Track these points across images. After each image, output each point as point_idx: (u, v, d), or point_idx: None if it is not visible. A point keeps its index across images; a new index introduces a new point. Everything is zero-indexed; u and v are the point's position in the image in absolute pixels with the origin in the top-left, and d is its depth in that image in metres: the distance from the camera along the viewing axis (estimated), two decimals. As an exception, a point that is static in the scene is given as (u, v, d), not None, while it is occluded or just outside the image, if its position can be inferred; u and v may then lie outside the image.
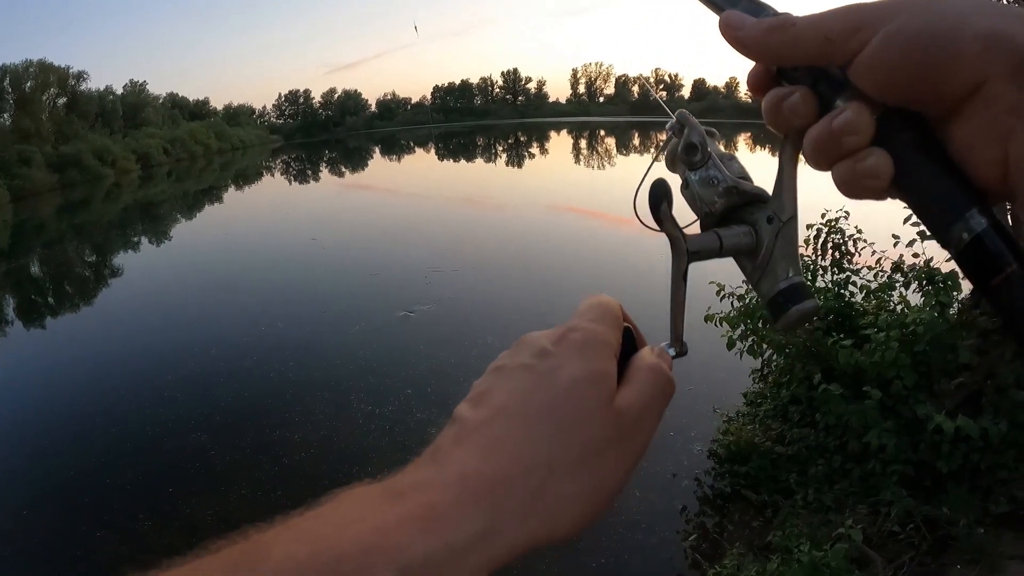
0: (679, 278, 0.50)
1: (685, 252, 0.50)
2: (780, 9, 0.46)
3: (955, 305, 5.05)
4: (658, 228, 0.49)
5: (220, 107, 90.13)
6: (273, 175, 38.87)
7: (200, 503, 5.51)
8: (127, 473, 5.93)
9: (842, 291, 5.90)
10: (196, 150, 56.63)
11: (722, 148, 0.53)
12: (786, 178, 0.48)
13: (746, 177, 0.51)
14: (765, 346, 6.03)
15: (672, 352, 0.52)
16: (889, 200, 0.44)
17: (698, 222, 0.53)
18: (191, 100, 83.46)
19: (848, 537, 4.05)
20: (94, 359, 9.08)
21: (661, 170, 0.54)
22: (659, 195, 0.48)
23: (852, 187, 0.42)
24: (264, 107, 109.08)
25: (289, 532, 0.37)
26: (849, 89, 0.41)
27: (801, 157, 0.47)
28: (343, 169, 42.35)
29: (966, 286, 5.17)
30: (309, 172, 41.08)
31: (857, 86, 0.40)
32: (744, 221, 0.50)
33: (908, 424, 4.84)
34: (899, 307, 5.57)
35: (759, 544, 4.83)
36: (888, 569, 4.17)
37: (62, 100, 48.83)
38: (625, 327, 0.50)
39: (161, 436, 6.63)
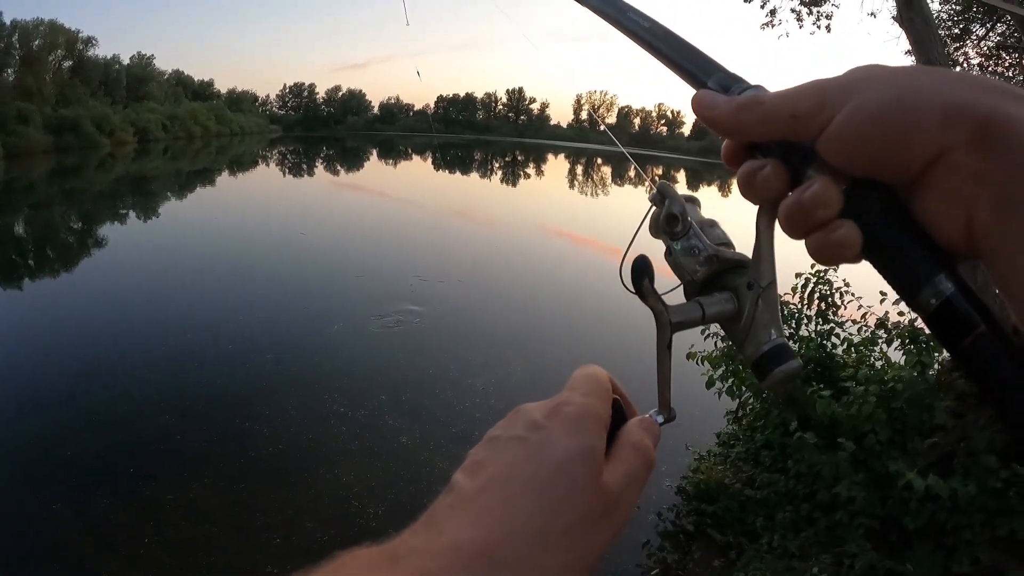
0: (664, 348, 0.52)
1: (668, 324, 0.51)
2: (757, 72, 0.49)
3: (935, 366, 5.12)
4: (642, 302, 0.51)
5: (224, 90, 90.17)
6: (268, 165, 38.73)
7: (161, 487, 5.42)
8: (89, 449, 5.84)
9: (824, 342, 5.98)
10: (195, 130, 56.38)
11: (703, 215, 0.55)
12: (763, 246, 0.49)
13: (727, 243, 0.53)
14: (744, 388, 6.08)
15: (660, 419, 0.54)
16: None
17: (682, 287, 0.55)
18: (196, 80, 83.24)
19: (812, 585, 4.07)
20: (66, 330, 8.91)
21: (646, 237, 0.56)
22: (641, 271, 0.50)
23: (824, 256, 0.43)
24: (267, 96, 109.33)
25: None
26: (818, 161, 0.42)
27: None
28: (339, 167, 42.29)
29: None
30: (304, 166, 41.00)
31: (825, 160, 0.42)
32: (726, 287, 0.52)
33: (878, 479, 4.89)
34: (879, 363, 5.65)
35: (720, 584, 4.84)
36: (848, 621, 4.20)
37: (68, 63, 48.35)
38: (614, 398, 0.52)
39: (128, 415, 6.52)
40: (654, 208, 0.54)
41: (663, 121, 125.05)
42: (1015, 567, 4.61)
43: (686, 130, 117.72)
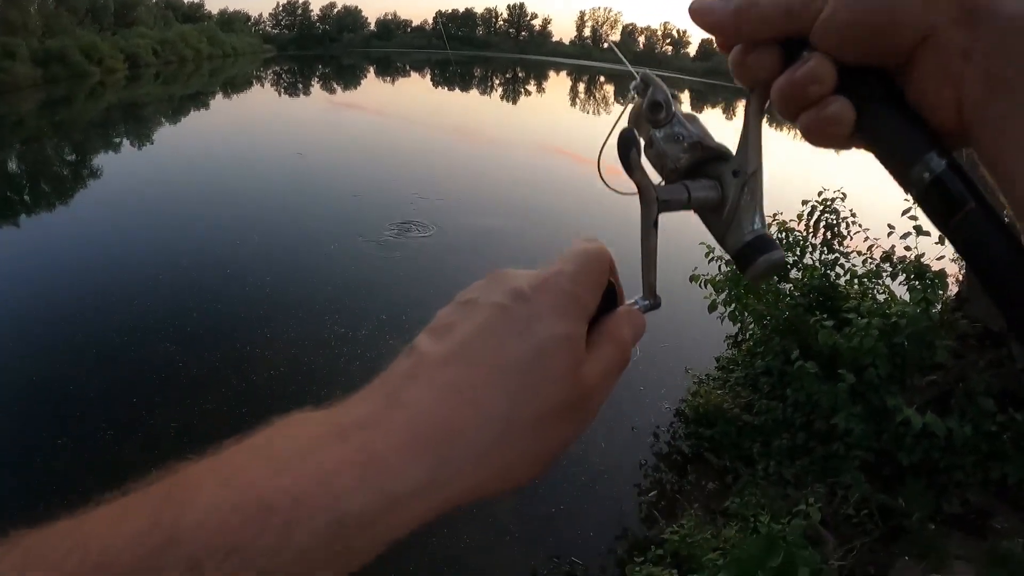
0: (649, 227, 0.50)
1: (655, 200, 0.49)
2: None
3: (939, 304, 5.10)
4: (628, 175, 0.49)
5: (215, 11, 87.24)
6: (263, 85, 38.06)
7: (163, 415, 5.43)
8: (91, 381, 5.83)
9: (829, 271, 5.94)
10: (186, 54, 55.07)
11: (685, 110, 0.52)
12: (751, 131, 0.49)
13: (709, 137, 0.51)
14: (746, 314, 6.07)
15: (645, 304, 0.51)
16: (887, 190, 0.47)
17: (663, 182, 0.52)
18: (185, 1, 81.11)
19: (806, 514, 4.13)
20: (63, 262, 8.80)
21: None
22: (628, 143, 0.48)
23: (816, 134, 0.44)
24: (260, 15, 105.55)
25: (218, 473, 0.34)
26: (813, 46, 0.43)
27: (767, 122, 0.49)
28: (335, 86, 41.59)
29: (952, 288, 5.24)
30: (300, 85, 40.28)
31: (819, 49, 0.42)
32: (709, 175, 0.50)
33: (876, 412, 4.93)
34: (883, 296, 5.63)
35: (716, 508, 4.92)
36: (839, 551, 4.27)
37: (52, -7, 47.03)
38: (610, 287, 0.48)
39: (127, 345, 6.49)
40: (636, 99, 0.52)
41: (668, 40, 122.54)
42: (1004, 511, 4.71)
43: (692, 50, 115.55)
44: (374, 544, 0.35)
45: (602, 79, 67.82)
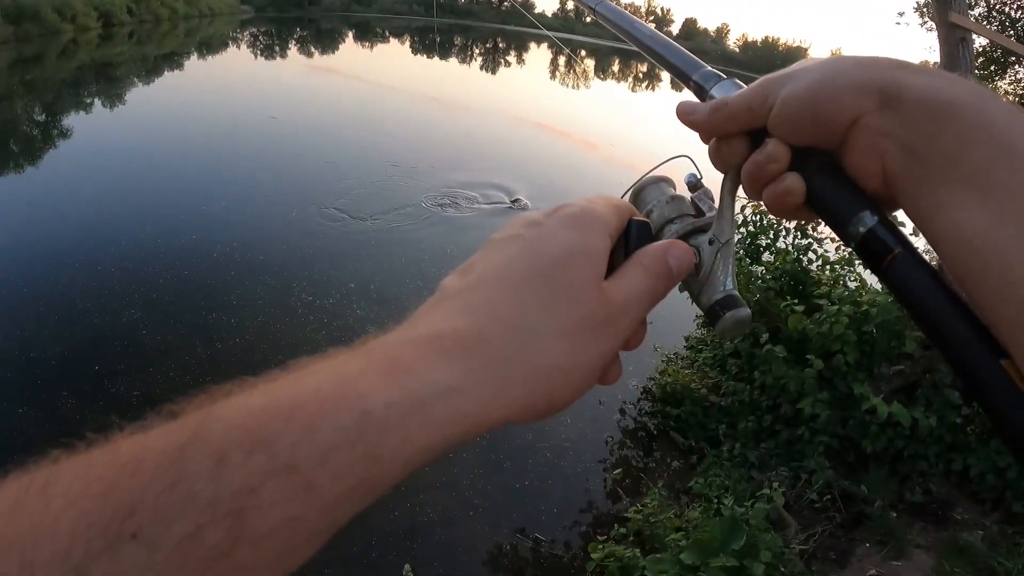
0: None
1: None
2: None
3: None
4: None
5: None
6: (239, 47, 37.24)
7: (127, 383, 5.32)
8: (52, 349, 5.64)
9: (801, 256, 5.95)
10: (162, 12, 53.64)
11: (672, 191, 0.60)
12: (726, 207, 0.55)
13: (688, 212, 0.58)
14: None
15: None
16: None
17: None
18: (162, -40, 78.92)
19: (770, 498, 4.17)
20: (26, 225, 8.48)
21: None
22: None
23: (776, 205, 0.51)
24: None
25: (248, 385, 0.36)
26: (771, 134, 0.51)
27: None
28: (312, 49, 40.84)
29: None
30: (277, 48, 39.49)
31: (775, 135, 0.50)
32: (689, 244, 0.55)
33: (842, 399, 4.98)
34: (854, 284, 5.66)
35: (680, 488, 4.95)
36: (801, 535, 4.32)
37: (25, -52, 45.50)
38: (643, 221, 0.52)
39: (90, 311, 6.30)
40: (672, 191, 0.60)
41: (652, 18, 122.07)
42: (965, 503, 4.79)
43: (675, 28, 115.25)
44: (405, 448, 0.35)
45: (583, 53, 67.51)
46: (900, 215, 0.49)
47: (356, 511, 0.35)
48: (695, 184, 0.60)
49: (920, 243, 0.52)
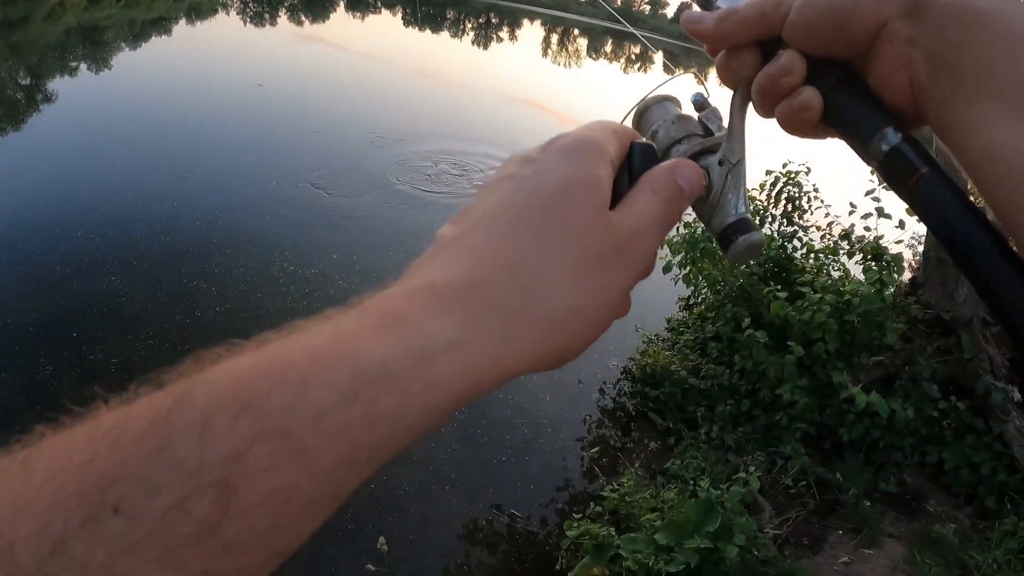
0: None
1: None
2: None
3: (893, 287, 5.16)
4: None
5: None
6: (228, 14, 36.57)
7: (105, 350, 5.26)
8: (30, 315, 5.53)
9: (786, 243, 5.97)
10: (151, -24, 53.15)
11: (678, 109, 0.57)
12: (735, 125, 0.52)
13: (696, 132, 0.55)
14: (700, 278, 6.09)
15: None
16: (851, 168, 0.53)
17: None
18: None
19: (745, 482, 4.19)
20: (4, 189, 8.36)
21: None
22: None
23: (790, 122, 0.48)
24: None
25: (240, 350, 0.34)
26: (786, 45, 0.48)
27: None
28: (302, 18, 40.37)
29: (907, 274, 5.33)
30: (267, 16, 38.83)
31: (790, 46, 0.47)
32: (699, 166, 0.52)
33: (821, 387, 5.01)
34: (838, 274, 5.69)
35: (657, 468, 4.98)
36: (775, 520, 4.36)
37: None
38: (647, 144, 0.51)
39: (70, 277, 6.19)
40: (678, 111, 0.57)
41: (646, 0, 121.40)
42: (938, 495, 4.86)
43: (670, 12, 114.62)
44: (406, 410, 0.33)
45: (576, 32, 67.15)
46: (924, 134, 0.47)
47: (358, 481, 0.33)
48: (702, 103, 0.57)
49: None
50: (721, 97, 0.56)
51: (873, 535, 4.40)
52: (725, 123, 0.54)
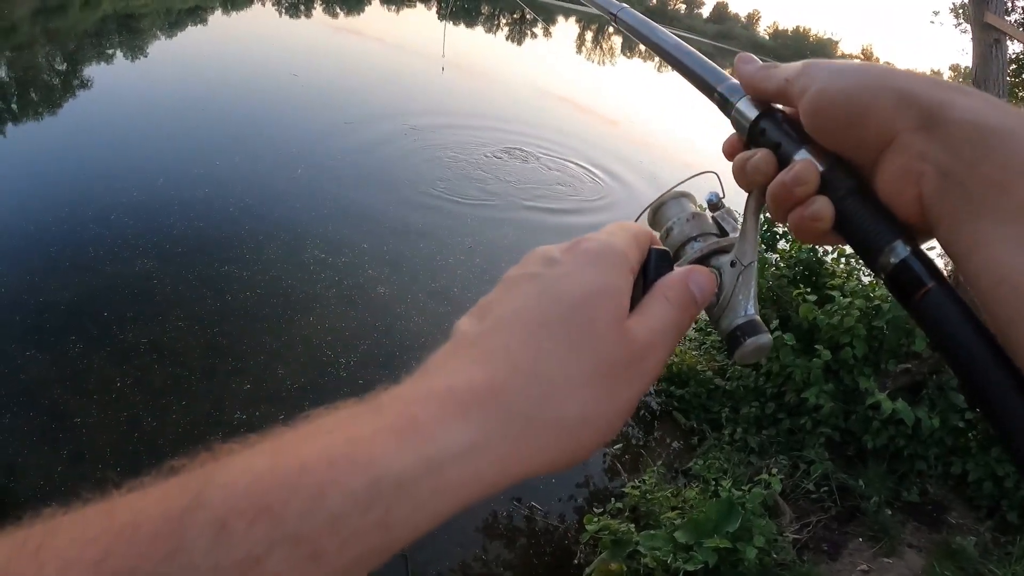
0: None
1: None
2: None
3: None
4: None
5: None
6: (264, 4, 36.93)
7: (135, 330, 5.32)
8: (62, 294, 5.63)
9: (817, 247, 5.92)
10: (189, -36, 53.56)
11: (692, 208, 0.58)
12: (748, 228, 0.53)
13: (711, 231, 0.57)
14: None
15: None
16: None
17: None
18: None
19: (767, 484, 4.18)
20: (44, 172, 8.43)
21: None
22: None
23: (802, 228, 0.48)
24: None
25: (253, 445, 0.34)
26: (801, 150, 0.49)
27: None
28: (338, 10, 40.57)
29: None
30: (302, 7, 39.10)
31: (804, 127, 0.49)
32: (710, 266, 0.54)
33: (847, 392, 4.98)
34: (868, 279, 5.64)
35: (679, 468, 4.97)
36: (795, 524, 4.34)
37: None
38: (662, 250, 0.50)
39: (103, 259, 6.27)
40: (693, 208, 0.58)
41: (682, 0, 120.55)
42: (960, 507, 4.80)
43: (705, 11, 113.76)
44: (417, 515, 0.34)
45: (611, 30, 66.83)
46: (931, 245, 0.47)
47: (366, 573, 0.33)
48: (716, 204, 0.58)
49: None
50: (737, 198, 0.57)
51: (893, 544, 4.37)
52: (739, 224, 0.55)
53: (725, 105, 0.56)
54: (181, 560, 0.28)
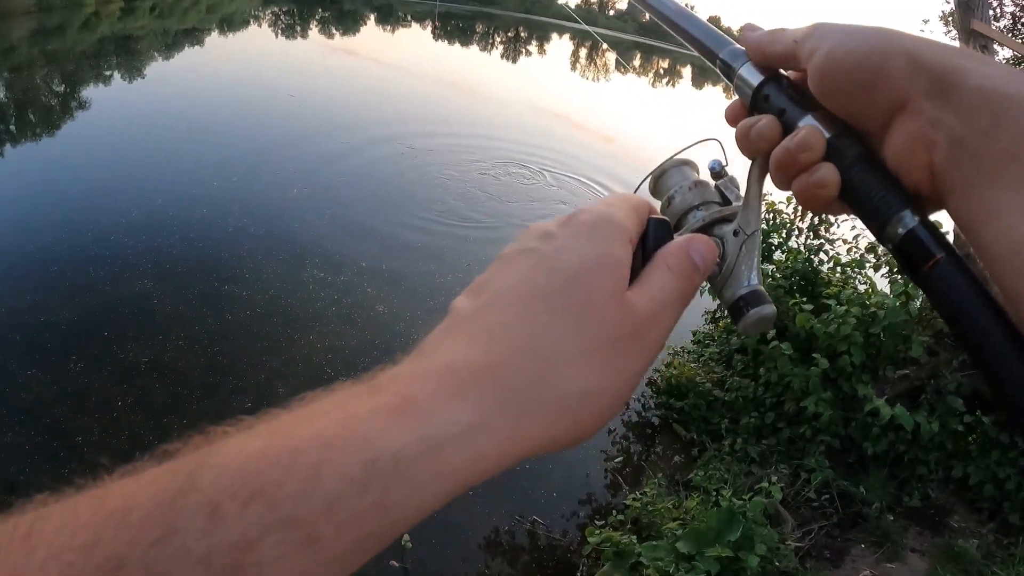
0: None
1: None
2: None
3: (918, 300, 5.14)
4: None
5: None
6: (260, 25, 37.01)
7: (135, 350, 5.34)
8: (63, 313, 5.65)
9: (812, 256, 5.96)
10: (185, -13, 53.67)
11: (695, 175, 0.57)
12: (752, 196, 0.52)
13: (713, 199, 0.55)
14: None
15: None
16: None
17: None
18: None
19: (768, 493, 4.18)
20: (43, 193, 8.35)
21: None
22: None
23: (806, 197, 0.47)
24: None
25: (247, 426, 0.34)
26: (806, 116, 0.48)
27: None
28: (333, 31, 40.73)
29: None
30: (298, 28, 39.17)
31: (811, 91, 0.48)
32: (712, 235, 0.53)
33: (846, 400, 4.99)
34: (864, 287, 5.67)
35: (680, 479, 4.97)
36: (797, 532, 4.34)
37: (49, -80, 45.06)
38: (661, 219, 0.49)
39: (103, 279, 6.30)
40: (695, 176, 0.57)
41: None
42: (962, 510, 4.81)
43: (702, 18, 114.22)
44: (416, 496, 0.33)
45: (604, 47, 67.22)
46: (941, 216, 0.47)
47: (366, 560, 0.32)
48: (719, 171, 0.56)
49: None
50: (740, 166, 0.57)
51: (896, 549, 4.37)
52: (742, 192, 0.54)
53: (728, 71, 0.56)
54: (173, 544, 0.28)
